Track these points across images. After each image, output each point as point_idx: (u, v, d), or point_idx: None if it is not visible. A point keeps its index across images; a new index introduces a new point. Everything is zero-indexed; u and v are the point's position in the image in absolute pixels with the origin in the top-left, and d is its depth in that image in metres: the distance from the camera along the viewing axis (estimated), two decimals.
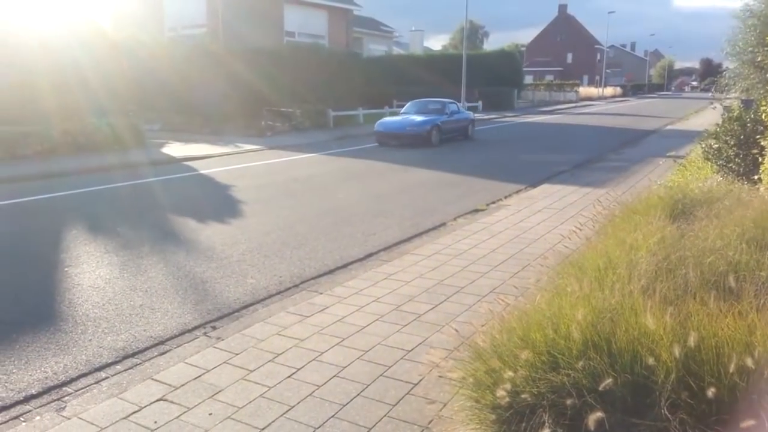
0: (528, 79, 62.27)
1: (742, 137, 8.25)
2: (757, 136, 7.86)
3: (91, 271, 5.95)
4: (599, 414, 2.31)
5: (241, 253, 6.54)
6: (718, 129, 8.99)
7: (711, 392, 2.29)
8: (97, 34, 17.18)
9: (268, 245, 6.85)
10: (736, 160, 8.32)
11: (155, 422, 3.18)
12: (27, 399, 3.54)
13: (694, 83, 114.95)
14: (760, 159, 7.45)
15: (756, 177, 7.34)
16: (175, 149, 16.28)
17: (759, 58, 9.73)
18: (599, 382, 2.43)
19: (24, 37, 14.87)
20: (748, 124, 8.27)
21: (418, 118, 17.77)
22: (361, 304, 4.89)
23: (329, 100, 24.40)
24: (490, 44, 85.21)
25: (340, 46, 30.05)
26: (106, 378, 3.75)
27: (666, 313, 2.65)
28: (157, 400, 3.41)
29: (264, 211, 8.86)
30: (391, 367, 3.75)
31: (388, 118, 18.94)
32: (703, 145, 9.44)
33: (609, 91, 72.86)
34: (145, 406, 3.35)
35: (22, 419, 3.30)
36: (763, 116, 7.67)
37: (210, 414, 3.26)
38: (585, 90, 67.05)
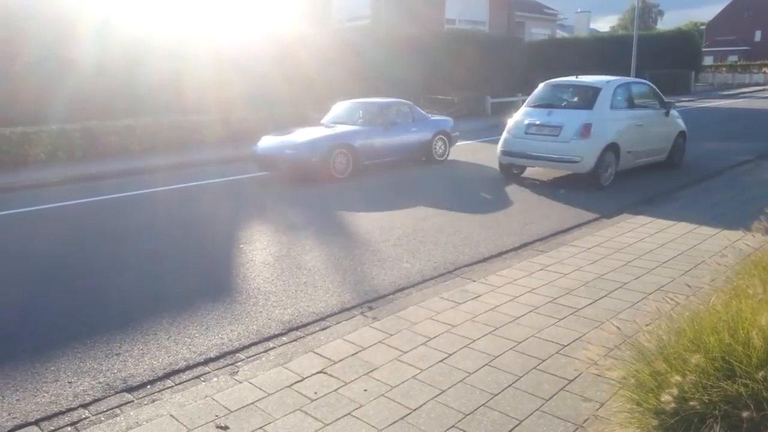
0: (707, 61, 56.79)
1: None
2: None
3: (262, 248, 6.45)
4: None
5: (397, 237, 6.72)
6: None
7: None
8: (270, 32, 18.52)
9: (424, 231, 6.95)
10: None
11: (315, 393, 3.39)
12: (206, 361, 3.94)
13: None
14: None
15: None
16: None
17: None
18: None
19: (205, 37, 16.51)
20: None
21: (312, 134, 10.63)
22: (515, 294, 4.81)
23: (488, 86, 24.10)
24: (665, 24, 78.88)
25: (501, 31, 29.47)
26: (273, 348, 4.06)
27: None
28: (318, 373, 3.63)
29: (420, 197, 9.00)
30: (545, 361, 3.66)
31: (274, 136, 11.02)
32: None
33: None
34: (306, 377, 3.59)
35: (202, 379, 3.68)
36: None
37: (365, 390, 3.40)
38: None
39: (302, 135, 10.66)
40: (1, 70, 14.47)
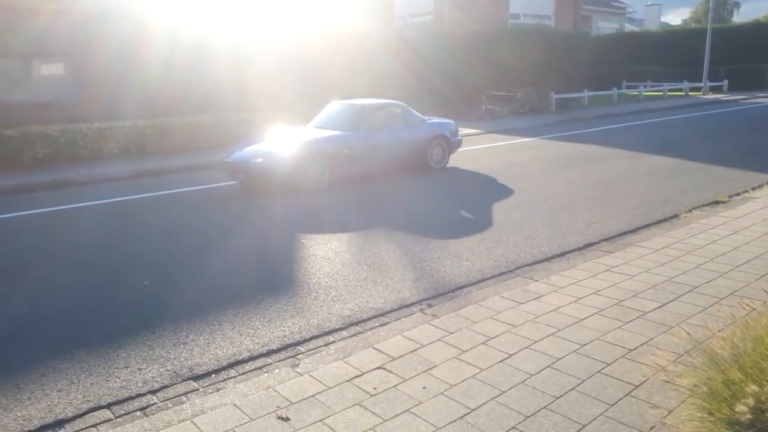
0: None
1: None
2: None
3: (323, 243, 6.54)
4: None
5: (457, 234, 6.67)
6: None
7: None
8: (332, 29, 18.78)
9: (484, 229, 6.88)
10: None
11: (374, 388, 3.41)
12: (268, 353, 4.02)
13: None
14: None
15: None
16: None
17: None
18: None
19: (268, 36, 16.90)
20: None
21: (285, 141, 9.65)
22: (579, 295, 4.69)
23: (552, 82, 23.59)
24: (741, 16, 74.90)
25: (567, 26, 28.77)
26: (333, 342, 4.10)
27: None
28: (377, 368, 3.65)
29: (480, 194, 8.90)
30: (609, 365, 3.55)
31: (247, 146, 9.95)
32: None
33: None
34: (366, 372, 3.61)
35: (264, 370, 3.75)
36: None
37: (424, 387, 3.39)
38: None
39: (274, 142, 9.81)
40: (79, 69, 15.21)
